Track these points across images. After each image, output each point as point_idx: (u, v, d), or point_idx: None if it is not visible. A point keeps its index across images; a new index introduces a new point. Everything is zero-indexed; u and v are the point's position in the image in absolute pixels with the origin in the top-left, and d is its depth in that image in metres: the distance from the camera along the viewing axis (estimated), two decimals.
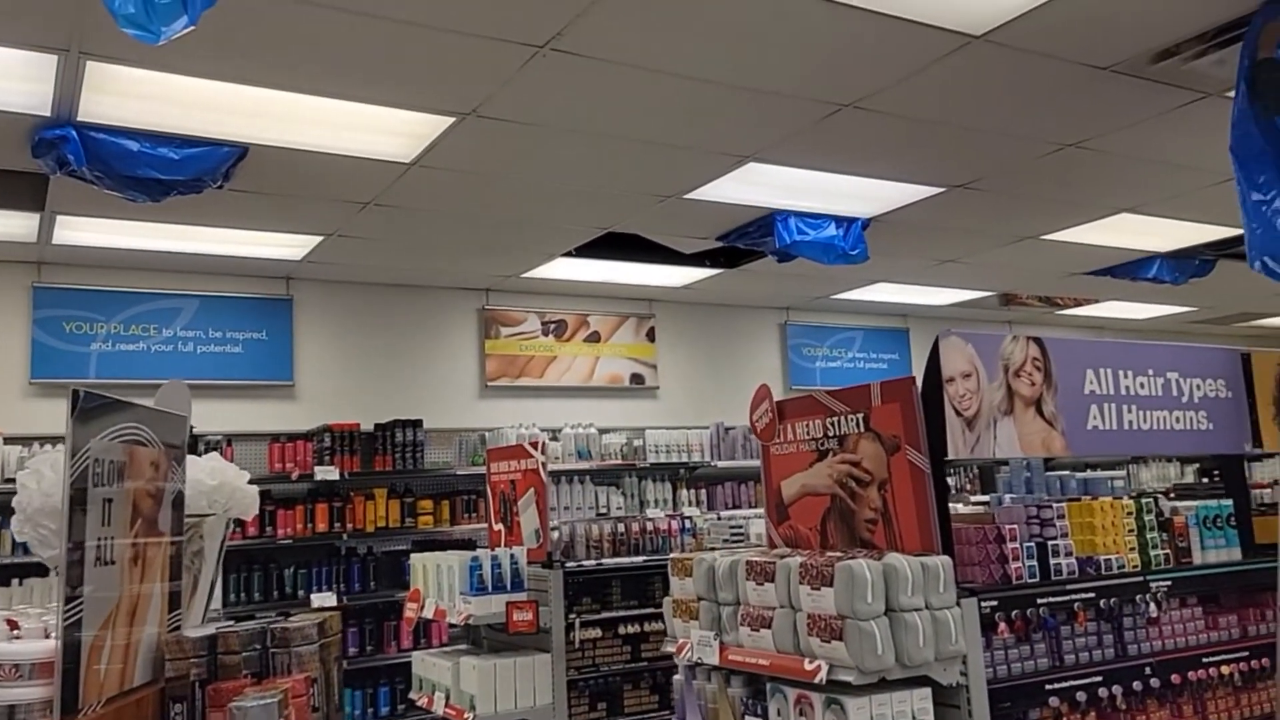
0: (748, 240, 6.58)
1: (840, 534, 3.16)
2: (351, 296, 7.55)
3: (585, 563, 5.97)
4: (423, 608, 4.33)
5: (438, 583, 4.24)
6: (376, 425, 6.96)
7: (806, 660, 2.54)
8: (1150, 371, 3.34)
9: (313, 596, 6.40)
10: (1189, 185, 5.99)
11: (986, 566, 2.93)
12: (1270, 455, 3.42)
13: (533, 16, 3.59)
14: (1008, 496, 6.21)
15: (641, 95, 4.33)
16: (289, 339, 7.23)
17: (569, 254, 7.07)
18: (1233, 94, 3.73)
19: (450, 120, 4.50)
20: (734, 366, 9.07)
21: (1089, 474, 7.20)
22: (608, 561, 6.01)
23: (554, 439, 7.37)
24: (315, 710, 2.40)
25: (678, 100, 4.40)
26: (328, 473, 6.56)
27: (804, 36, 3.82)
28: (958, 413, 2.93)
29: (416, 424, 7.02)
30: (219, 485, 3.05)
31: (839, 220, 6.39)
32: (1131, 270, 8.22)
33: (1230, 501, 3.49)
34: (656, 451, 7.66)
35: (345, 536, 6.64)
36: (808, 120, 4.70)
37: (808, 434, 3.32)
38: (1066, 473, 6.97)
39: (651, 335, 8.73)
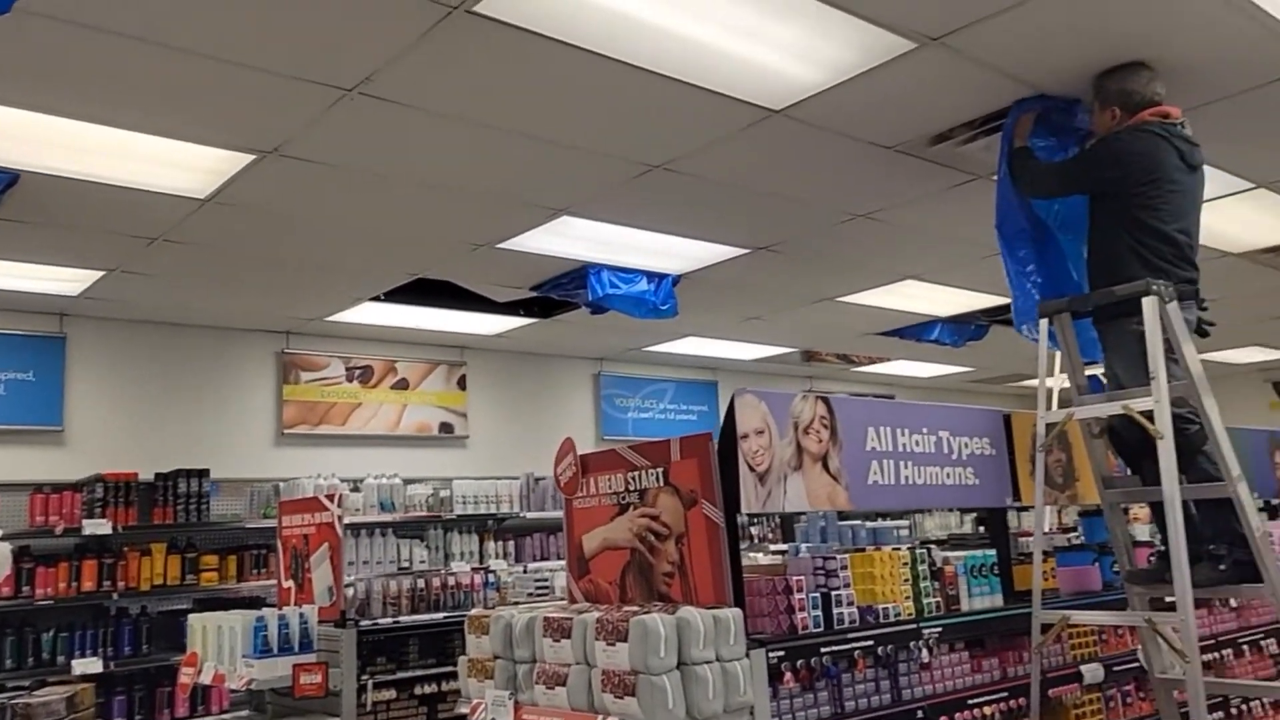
0: (561, 291, 6.64)
1: (639, 588, 3.19)
2: (134, 336, 7.03)
3: (381, 621, 5.71)
4: (200, 673, 4.03)
5: (218, 645, 3.96)
6: (157, 475, 6.47)
7: (600, 717, 2.54)
8: (924, 430, 3.59)
9: (74, 662, 5.83)
10: (965, 256, 6.53)
11: (775, 617, 3.03)
12: (1028, 508, 3.72)
13: (342, 59, 3.52)
14: (804, 546, 6.49)
15: (454, 144, 4.31)
16: (59, 380, 6.64)
17: (377, 299, 6.89)
18: (997, 176, 4.12)
19: (250, 158, 4.32)
20: (547, 416, 9.06)
21: (878, 523, 7.64)
22: (405, 619, 5.77)
23: (355, 490, 7.09)
24: None
25: (491, 151, 4.42)
26: (98, 526, 6.03)
27: (617, 99, 3.93)
28: (751, 468, 3.04)
29: (202, 474, 6.58)
30: None
31: (650, 275, 6.56)
32: (917, 332, 8.86)
33: (994, 551, 3.78)
34: (464, 502, 7.50)
35: (116, 596, 6.10)
36: (620, 178, 4.82)
37: (610, 488, 3.35)
38: (858, 522, 7.37)
39: (463, 383, 8.60)
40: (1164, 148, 3.49)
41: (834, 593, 3.11)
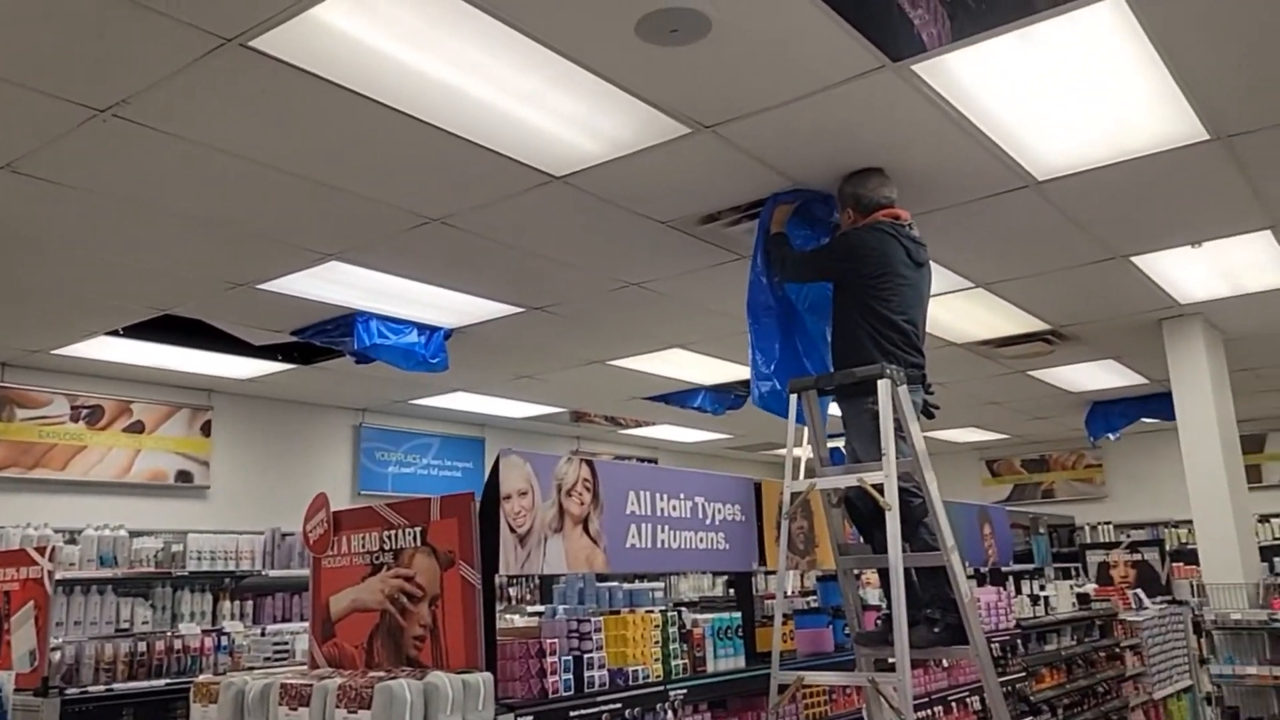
0: (325, 338, 6.38)
1: (387, 652, 3.07)
2: None
3: (92, 689, 5.10)
4: None
5: None
6: None
7: None
8: (682, 495, 3.72)
9: None
10: (727, 330, 6.89)
11: (527, 680, 3.00)
12: (772, 572, 3.93)
13: (98, 78, 3.26)
14: (562, 607, 6.48)
15: (217, 178, 4.08)
16: None
17: (115, 332, 6.33)
18: (752, 258, 4.41)
19: None
20: (300, 468, 8.60)
21: (635, 585, 7.78)
22: (121, 686, 5.18)
23: (71, 541, 6.38)
24: None
25: (258, 189, 4.22)
26: None
27: (397, 149, 3.88)
28: (512, 529, 3.03)
29: None
30: None
31: (421, 327, 6.44)
32: (681, 399, 9.21)
33: (740, 614, 3.95)
34: (199, 558, 6.90)
35: None
36: (395, 228, 4.73)
37: (363, 547, 3.23)
38: (615, 584, 7.47)
39: (207, 429, 8.01)
40: (893, 245, 3.88)
41: (586, 655, 3.13)
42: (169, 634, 5.59)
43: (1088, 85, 3.65)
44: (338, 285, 5.55)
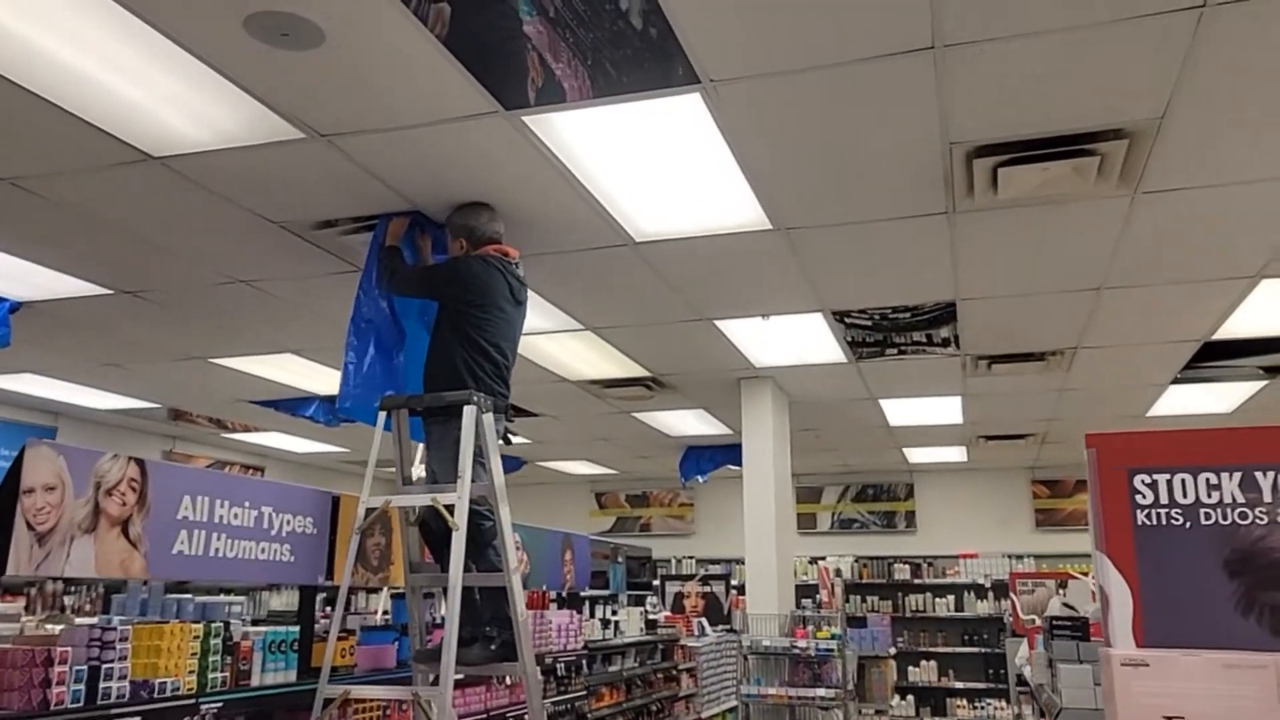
0: None
1: None
2: None
3: None
4: None
5: None
6: None
7: None
8: (247, 504, 3.63)
9: None
10: (341, 340, 6.75)
11: (28, 691, 2.76)
12: (336, 586, 3.92)
13: None
14: (118, 618, 5.93)
15: None
16: None
17: None
18: (362, 270, 4.44)
19: None
20: None
21: (210, 599, 7.29)
22: None
23: None
24: None
25: None
26: None
27: None
28: (30, 526, 2.79)
29: None
30: None
31: None
32: (293, 406, 8.85)
33: (299, 628, 3.90)
34: None
35: None
36: None
37: None
38: (187, 596, 6.95)
39: None
40: (499, 279, 4.11)
41: (106, 666, 2.94)
42: None
43: (678, 163, 4.12)
44: None
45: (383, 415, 3.98)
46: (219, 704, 3.27)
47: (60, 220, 4.62)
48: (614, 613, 7.21)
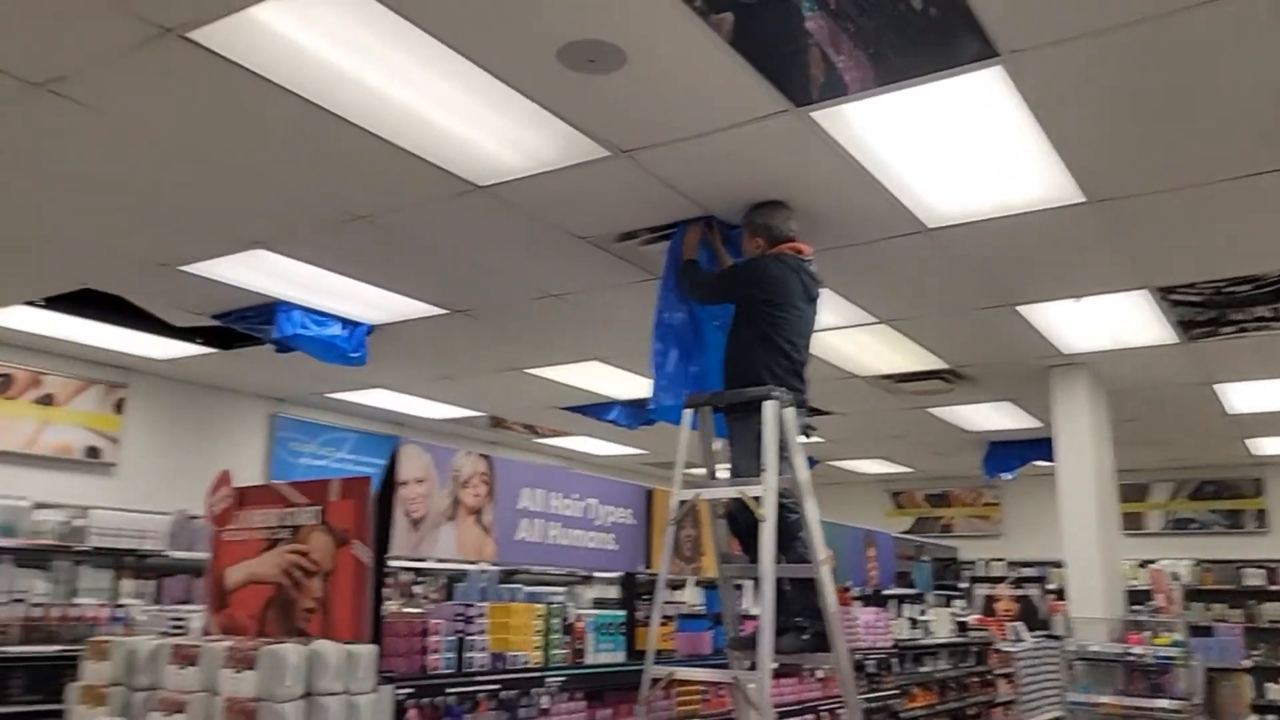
0: (247, 325, 6.45)
1: (278, 623, 3.23)
2: None
3: None
4: None
5: None
6: None
7: None
8: (575, 495, 3.95)
9: None
10: (641, 345, 7.08)
11: (410, 657, 3.19)
12: (654, 574, 4.15)
13: (37, 53, 3.38)
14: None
15: (148, 159, 4.19)
16: None
17: (33, 303, 6.32)
18: (662, 277, 4.67)
19: None
20: (212, 452, 8.58)
21: (537, 589, 7.93)
22: (14, 649, 5.23)
23: None
24: None
25: (188, 174, 4.33)
26: None
27: (325, 147, 4.04)
28: (406, 514, 3.22)
29: None
30: None
31: (345, 321, 6.56)
32: (597, 411, 9.42)
33: (624, 612, 4.18)
34: (102, 534, 6.87)
35: None
36: (321, 222, 4.88)
37: (264, 522, 3.38)
38: (518, 586, 7.61)
39: (120, 406, 7.97)
40: (793, 277, 4.17)
41: (469, 638, 3.33)
42: (65, 604, 5.61)
43: (974, 143, 3.99)
44: (262, 273, 5.66)
45: (688, 413, 4.16)
46: (562, 678, 3.59)
47: (404, 250, 5.26)
48: (922, 613, 7.02)
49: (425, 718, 3.07)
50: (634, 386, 8.49)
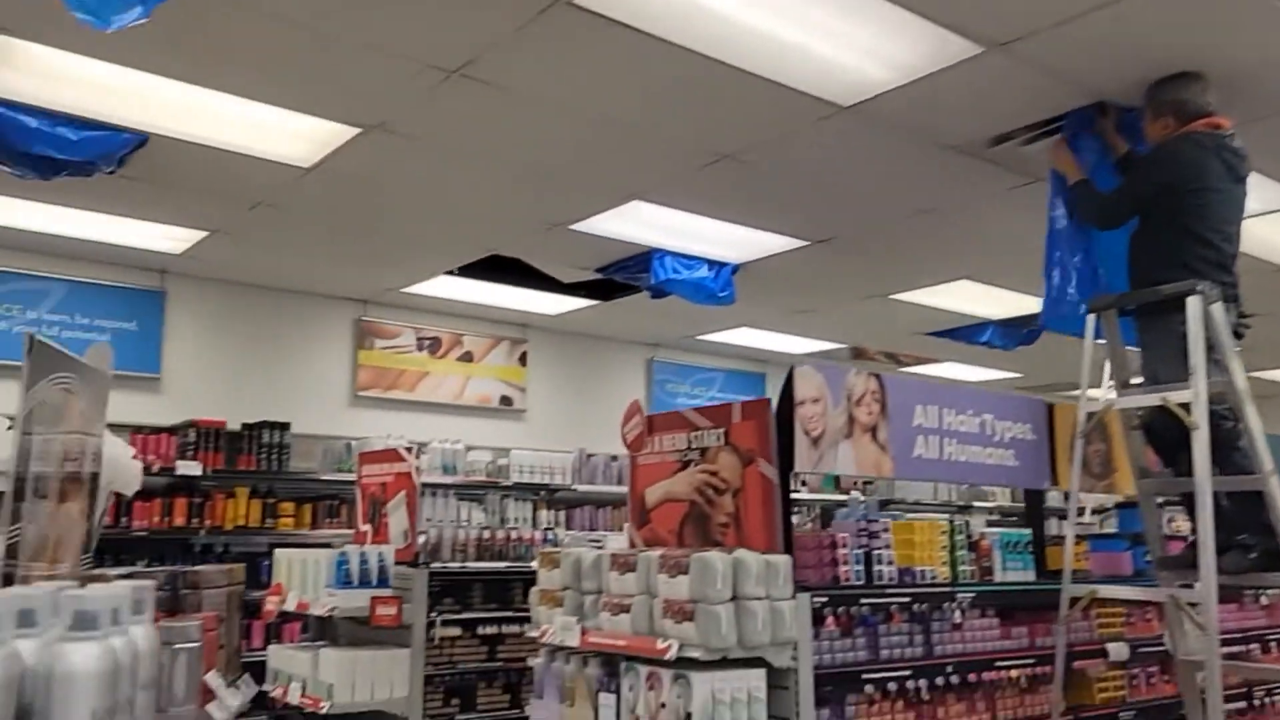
0: (626, 274, 6.94)
1: (695, 536, 3.48)
2: (227, 295, 7.50)
3: (450, 565, 6.17)
4: (284, 601, 4.40)
5: (302, 577, 4.33)
6: (243, 425, 6.90)
7: (659, 640, 2.84)
8: (970, 411, 3.83)
9: None
10: (1019, 258, 6.65)
11: (820, 569, 3.30)
12: (1066, 493, 3.93)
13: (449, 42, 3.84)
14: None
15: (542, 128, 4.63)
16: (159, 332, 7.14)
17: (451, 272, 7.27)
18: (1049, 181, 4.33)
19: (356, 131, 4.67)
20: (600, 396, 9.38)
21: (919, 517, 7.82)
22: (472, 565, 6.24)
23: (421, 452, 7.48)
24: (222, 647, 2.54)
25: (573, 136, 4.73)
26: (190, 468, 6.47)
27: (692, 89, 4.20)
28: (805, 432, 3.32)
29: (284, 426, 7.00)
30: (105, 457, 3.12)
31: (711, 263, 6.84)
32: (968, 334, 8.99)
33: (1030, 531, 4.01)
34: (520, 471, 7.86)
35: (202, 533, 6.55)
36: (690, 166, 5.10)
37: (673, 446, 3.65)
38: (899, 513, 7.57)
39: (524, 359, 8.96)
40: (1211, 157, 3.68)
41: (875, 552, 3.38)
42: (504, 529, 6.59)
43: None
44: (638, 224, 6.04)
45: (1091, 320, 3.84)
46: (972, 594, 3.53)
47: (769, 184, 5.35)
48: None
49: (841, 625, 3.17)
50: (1009, 304, 8.01)
